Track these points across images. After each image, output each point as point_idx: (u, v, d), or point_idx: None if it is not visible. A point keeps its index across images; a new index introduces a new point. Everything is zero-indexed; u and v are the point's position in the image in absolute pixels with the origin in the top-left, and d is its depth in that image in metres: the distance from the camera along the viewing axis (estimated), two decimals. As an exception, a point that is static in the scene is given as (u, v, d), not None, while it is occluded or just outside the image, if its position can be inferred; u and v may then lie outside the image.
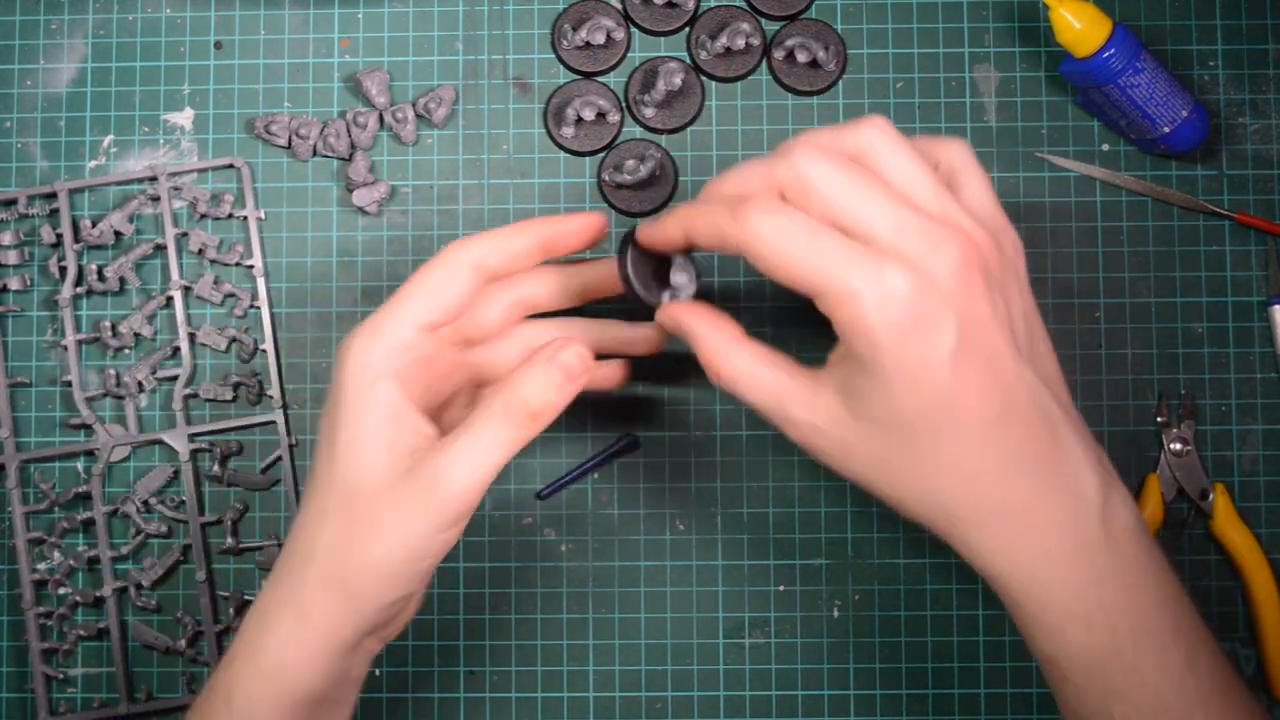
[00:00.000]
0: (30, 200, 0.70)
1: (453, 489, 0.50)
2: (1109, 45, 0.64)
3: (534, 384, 0.51)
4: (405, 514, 0.51)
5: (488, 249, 0.54)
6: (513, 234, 0.55)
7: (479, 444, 0.51)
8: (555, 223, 0.56)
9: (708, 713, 0.69)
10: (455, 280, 0.54)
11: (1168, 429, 0.68)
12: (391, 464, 0.51)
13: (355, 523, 0.51)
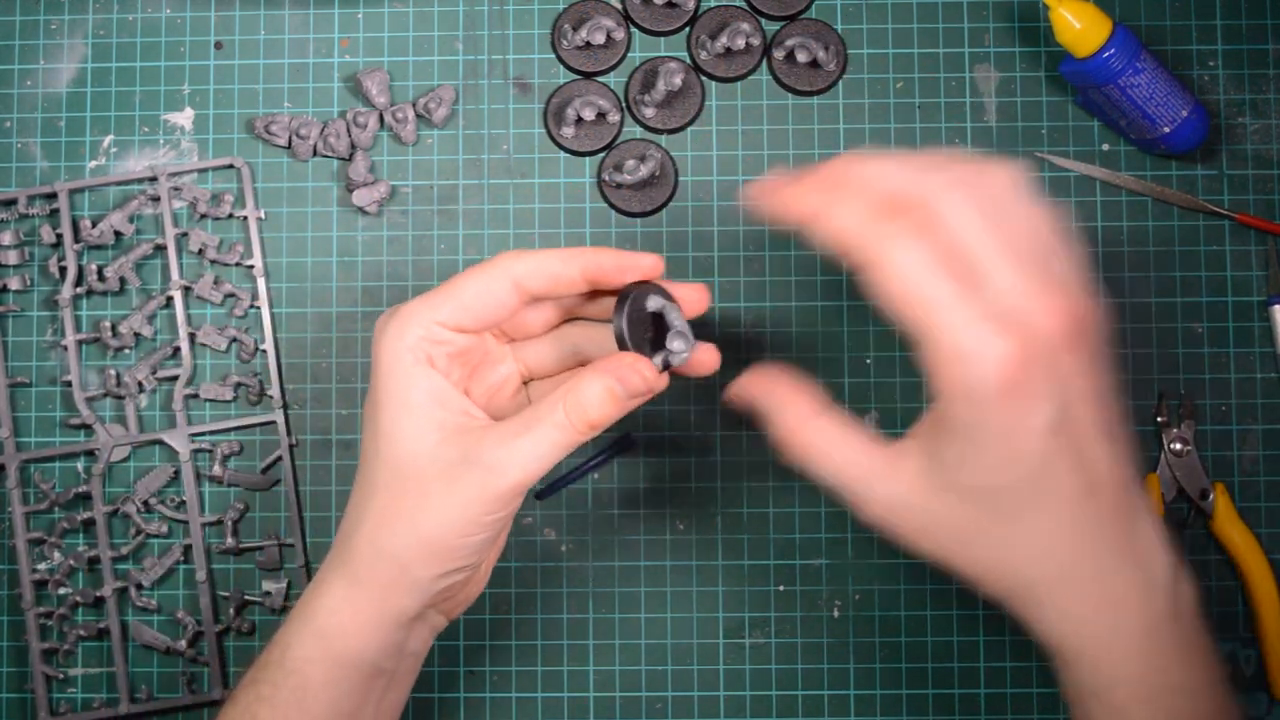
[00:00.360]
0: (30, 200, 0.70)
1: (507, 479, 0.51)
2: (1109, 45, 0.64)
3: (596, 395, 0.52)
4: (457, 494, 0.51)
5: (533, 269, 0.54)
6: (561, 259, 0.54)
7: (537, 441, 0.52)
8: (606, 256, 0.55)
9: (708, 713, 0.69)
10: (494, 292, 0.54)
11: (1168, 429, 0.68)
12: (442, 442, 0.52)
13: (404, 496, 0.52)
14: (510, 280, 0.54)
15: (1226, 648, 0.68)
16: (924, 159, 0.49)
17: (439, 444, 0.52)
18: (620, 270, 0.55)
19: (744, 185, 0.53)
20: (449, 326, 0.53)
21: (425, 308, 0.53)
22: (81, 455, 0.70)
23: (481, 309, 0.54)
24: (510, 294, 0.54)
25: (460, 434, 0.52)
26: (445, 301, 0.53)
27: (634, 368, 0.52)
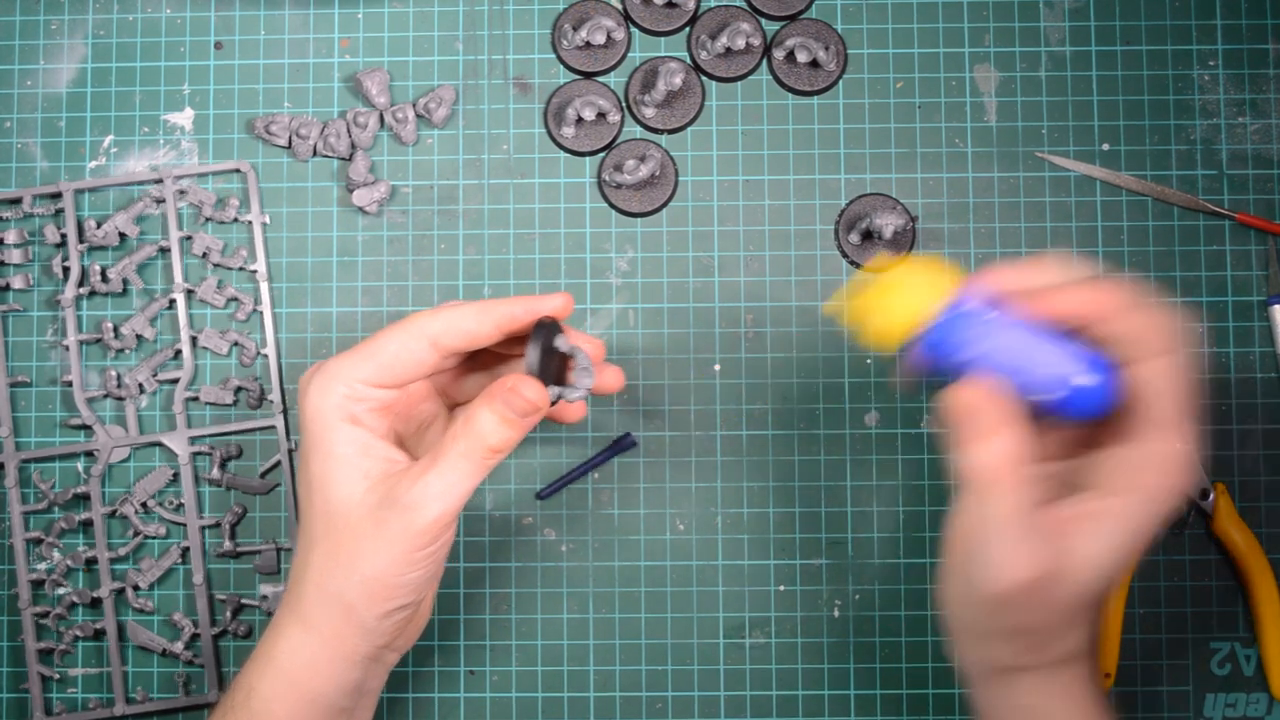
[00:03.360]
0: (35, 200, 0.70)
1: (426, 515, 0.53)
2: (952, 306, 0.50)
3: (491, 422, 0.54)
4: (384, 538, 0.54)
5: (447, 327, 0.56)
6: (474, 316, 0.56)
7: (445, 475, 0.54)
8: (517, 306, 0.57)
9: (708, 713, 0.68)
10: (412, 352, 0.56)
11: (1168, 429, 0.68)
12: (368, 491, 0.54)
13: (340, 543, 0.55)
14: (427, 340, 0.56)
15: (1226, 648, 0.68)
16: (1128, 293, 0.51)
17: (366, 491, 0.54)
18: (530, 315, 0.57)
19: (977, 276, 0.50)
20: (370, 384, 0.55)
21: (347, 367, 0.55)
22: (81, 455, 0.70)
23: (400, 368, 0.56)
24: (428, 352, 0.56)
25: (383, 479, 0.55)
26: (365, 361, 0.55)
27: (516, 391, 0.54)
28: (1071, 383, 0.49)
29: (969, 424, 0.49)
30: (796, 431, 0.69)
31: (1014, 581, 0.49)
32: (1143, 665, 0.68)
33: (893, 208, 0.69)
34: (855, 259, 0.69)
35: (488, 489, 0.69)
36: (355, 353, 0.56)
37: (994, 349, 0.49)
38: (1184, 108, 0.70)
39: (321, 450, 0.55)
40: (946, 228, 0.69)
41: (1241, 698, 0.68)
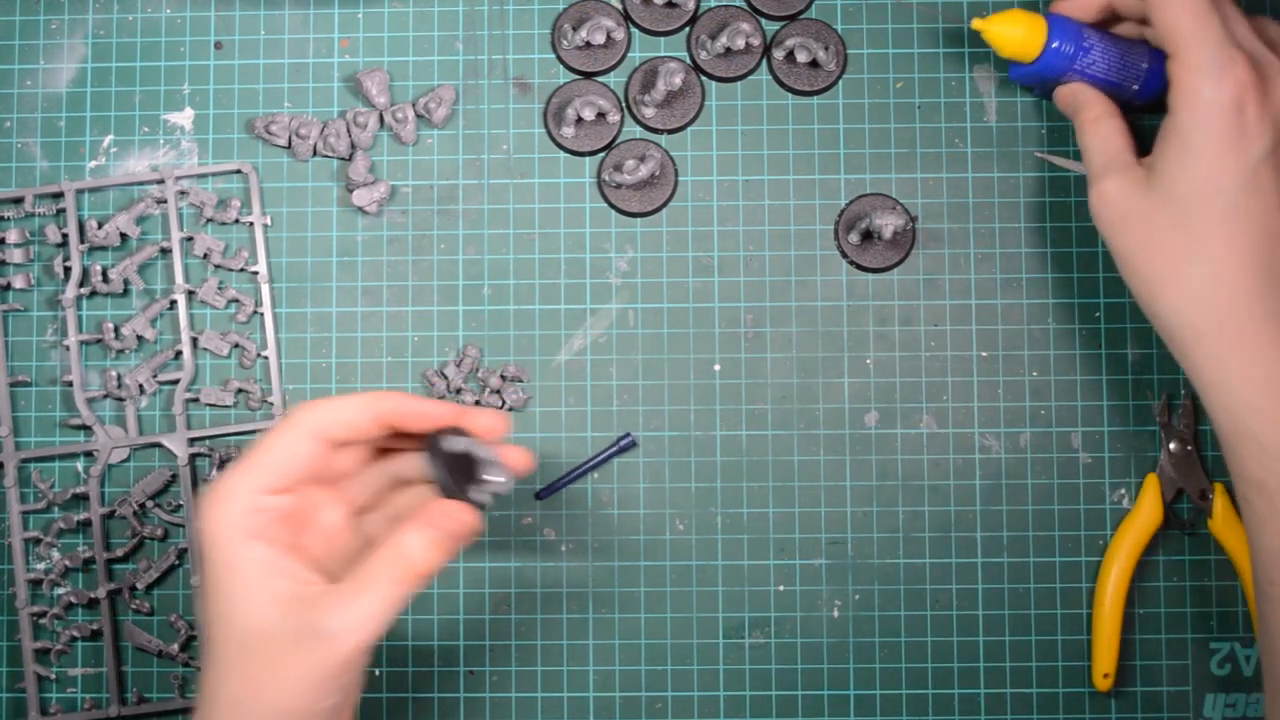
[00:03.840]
0: (36, 199, 0.70)
1: (349, 645, 0.51)
2: (1052, 38, 0.64)
3: (420, 547, 0.53)
4: (303, 669, 0.52)
5: (329, 420, 0.55)
6: (356, 409, 0.55)
7: (371, 602, 0.52)
8: (398, 402, 0.56)
9: (708, 713, 0.68)
10: (299, 450, 0.54)
11: (1168, 429, 0.68)
12: (283, 616, 0.52)
13: (254, 673, 0.52)
14: (310, 435, 0.54)
15: (1226, 648, 0.68)
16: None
17: (280, 618, 0.52)
18: (416, 418, 0.56)
19: None
20: (265, 492, 0.54)
21: (239, 480, 0.53)
22: (80, 456, 0.70)
23: (291, 468, 0.54)
24: (315, 447, 0.54)
25: (298, 604, 0.52)
26: (255, 470, 0.54)
27: (451, 516, 0.54)
28: (1143, 68, 0.64)
29: (1077, 98, 0.64)
30: (796, 431, 0.69)
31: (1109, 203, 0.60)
32: (1143, 665, 0.68)
33: (892, 208, 0.69)
34: (855, 259, 0.69)
35: (487, 489, 0.69)
36: (244, 464, 0.54)
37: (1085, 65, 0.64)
38: (1183, 108, 0.70)
39: (228, 573, 0.53)
40: (946, 228, 0.69)
41: (1241, 698, 0.68)
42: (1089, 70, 0.64)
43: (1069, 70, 0.64)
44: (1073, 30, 0.64)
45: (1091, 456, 0.69)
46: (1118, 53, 0.64)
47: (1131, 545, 0.67)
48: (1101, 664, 0.67)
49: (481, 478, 0.56)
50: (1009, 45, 0.64)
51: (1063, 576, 0.68)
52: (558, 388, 0.69)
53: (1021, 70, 0.66)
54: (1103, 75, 0.65)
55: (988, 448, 0.69)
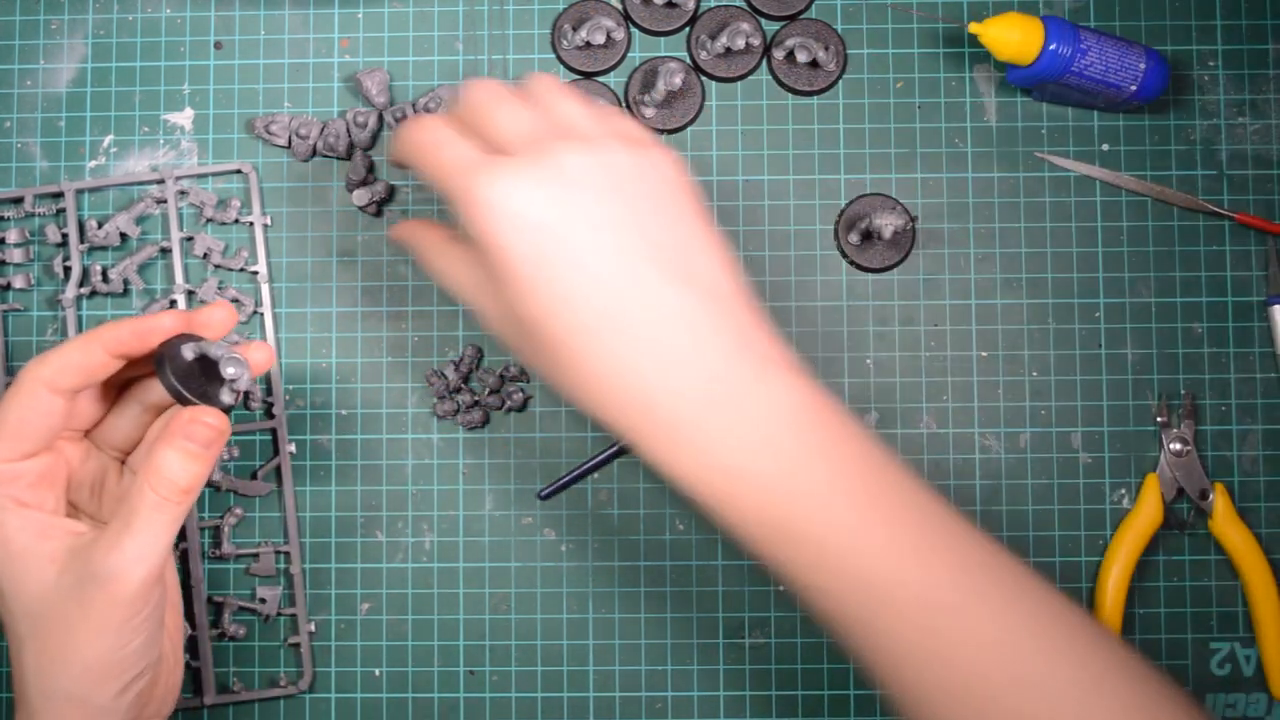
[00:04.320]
0: (36, 199, 0.70)
1: (132, 581, 0.50)
2: (1049, 40, 0.64)
3: (177, 462, 0.52)
4: (93, 618, 0.50)
5: (57, 369, 0.53)
6: (80, 349, 0.53)
7: (141, 531, 0.51)
8: (122, 329, 0.54)
9: (708, 713, 0.68)
10: (35, 408, 0.52)
11: (1168, 429, 0.68)
12: (60, 574, 0.51)
13: (49, 638, 0.51)
14: (43, 389, 0.52)
15: (1226, 648, 0.68)
16: None
17: (57, 575, 0.51)
18: (141, 336, 0.54)
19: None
20: (14, 460, 0.52)
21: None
22: (81, 455, 0.70)
23: (32, 429, 0.52)
24: (51, 401, 0.53)
25: (72, 557, 0.51)
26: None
27: (196, 420, 0.52)
28: (1141, 69, 0.64)
29: None
30: (796, 431, 0.69)
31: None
32: (1143, 665, 0.68)
33: (893, 208, 0.69)
34: (855, 259, 0.69)
35: (488, 489, 0.69)
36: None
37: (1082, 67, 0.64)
38: (1184, 108, 0.70)
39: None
40: (946, 228, 0.69)
41: (1241, 698, 0.68)
42: (1086, 71, 0.64)
43: (1066, 72, 0.64)
44: (1070, 32, 0.64)
45: (1091, 456, 0.69)
46: (1115, 54, 0.65)
47: (1131, 545, 0.67)
48: (1101, 664, 0.67)
49: (222, 376, 0.54)
50: (1006, 48, 0.64)
51: (1063, 577, 0.68)
52: (558, 388, 0.69)
53: (1020, 73, 0.66)
54: (1100, 76, 0.65)
55: (988, 448, 0.69)
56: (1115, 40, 0.65)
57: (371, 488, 0.69)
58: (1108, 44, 0.65)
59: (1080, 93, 0.67)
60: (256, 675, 0.69)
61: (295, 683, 0.69)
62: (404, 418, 0.69)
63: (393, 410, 0.70)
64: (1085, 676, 0.47)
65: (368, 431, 0.70)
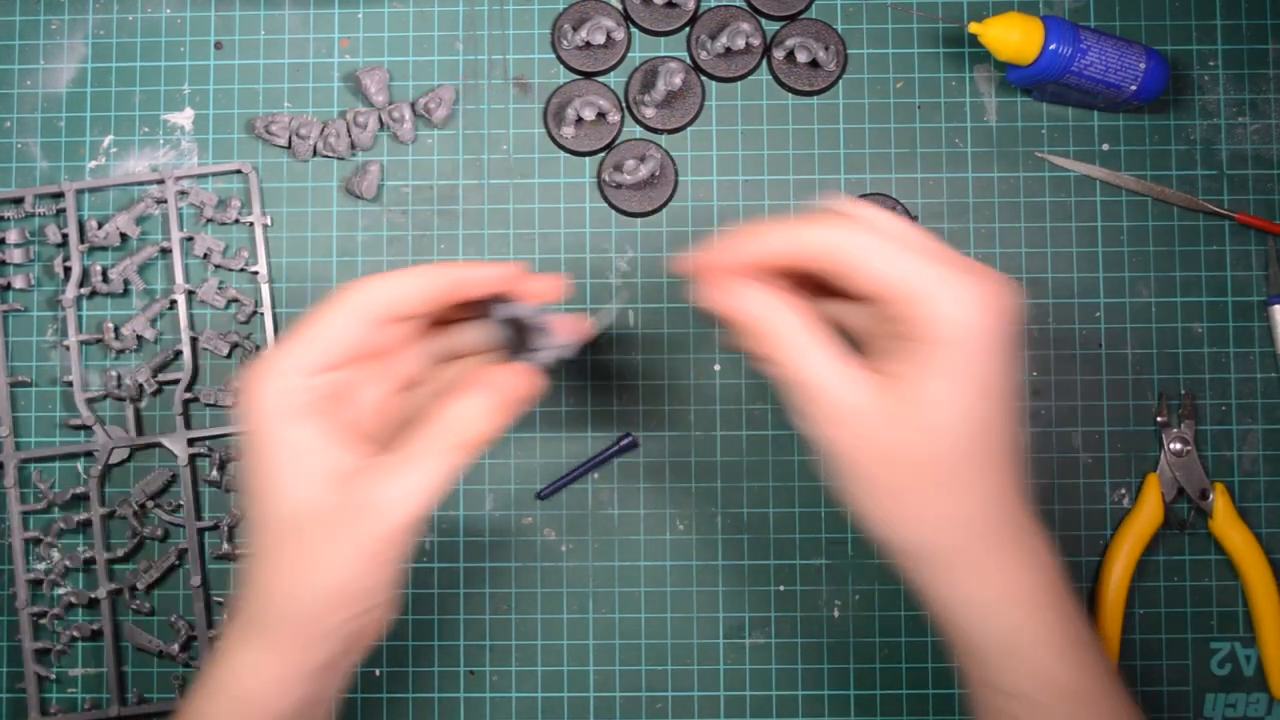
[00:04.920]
0: (36, 199, 0.70)
1: (391, 517, 0.51)
2: (1049, 40, 0.64)
3: (479, 413, 0.52)
4: (349, 543, 0.51)
5: (383, 298, 0.53)
6: (409, 284, 0.54)
7: (421, 474, 0.51)
8: (451, 272, 0.54)
9: (708, 713, 0.68)
10: (346, 328, 0.53)
11: (1168, 429, 0.68)
12: (328, 491, 0.51)
13: (299, 554, 0.51)
14: (362, 312, 0.53)
15: (1226, 648, 0.68)
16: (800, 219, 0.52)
17: (324, 493, 0.51)
18: (471, 285, 0.55)
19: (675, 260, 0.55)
20: (312, 371, 0.52)
21: (284, 359, 0.52)
22: (81, 456, 0.70)
23: (338, 347, 0.53)
24: (366, 325, 0.53)
25: (344, 479, 0.51)
26: (302, 348, 0.52)
27: (512, 380, 0.53)
28: (1141, 69, 0.65)
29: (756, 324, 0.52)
30: (796, 432, 0.69)
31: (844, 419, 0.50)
32: (1143, 665, 0.68)
33: (892, 208, 0.69)
34: (855, 259, 0.69)
35: (488, 489, 0.69)
36: (292, 340, 0.52)
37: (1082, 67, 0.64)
38: (1184, 108, 0.70)
39: (274, 456, 0.52)
40: (946, 228, 0.69)
41: (1241, 698, 0.68)
42: (1086, 71, 0.64)
43: (1066, 71, 0.64)
44: (1070, 32, 0.64)
45: (1091, 456, 0.69)
46: (1115, 54, 0.65)
47: (1131, 545, 0.67)
48: (1102, 664, 0.67)
49: (538, 344, 0.56)
50: (1006, 48, 0.64)
51: (1063, 576, 0.68)
52: (558, 387, 0.69)
53: (1020, 73, 0.66)
54: (1100, 76, 0.65)
55: (988, 448, 0.69)
56: (1115, 40, 0.65)
57: (371, 488, 0.69)
58: (1108, 44, 0.65)
59: (1080, 93, 0.67)
60: (256, 675, 0.69)
61: (295, 683, 0.69)
62: (404, 418, 0.69)
63: (393, 410, 0.70)
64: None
65: (368, 431, 0.70)
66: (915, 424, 0.50)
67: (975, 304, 0.49)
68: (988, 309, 0.49)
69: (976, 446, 0.51)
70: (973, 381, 0.50)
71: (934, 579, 0.53)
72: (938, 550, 0.52)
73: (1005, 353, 0.50)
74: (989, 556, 0.52)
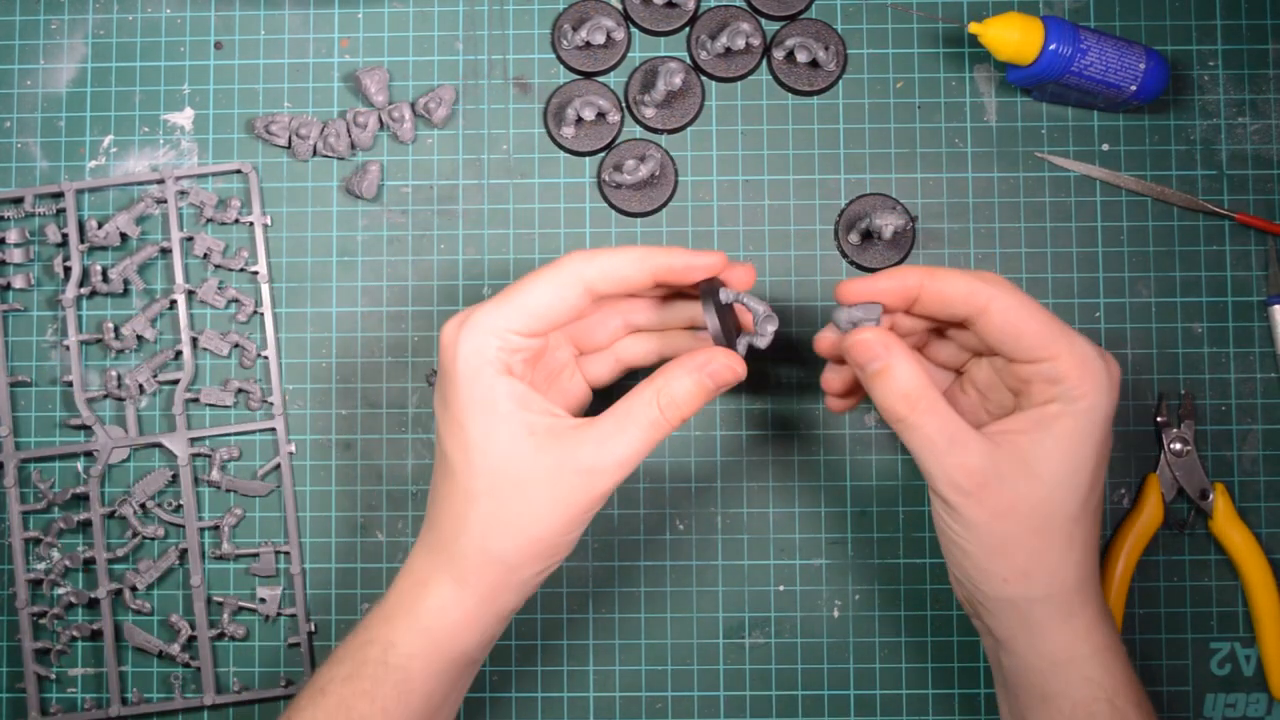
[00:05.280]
0: (36, 199, 0.70)
1: (608, 480, 0.54)
2: (1049, 40, 0.64)
3: (689, 389, 0.55)
4: (561, 497, 0.54)
5: (603, 272, 0.55)
6: (630, 262, 0.56)
7: (632, 440, 0.54)
8: (675, 257, 0.57)
9: (708, 713, 0.68)
10: (566, 299, 0.55)
11: (1168, 429, 0.68)
12: (537, 448, 0.54)
13: (508, 502, 0.54)
14: (582, 285, 0.55)
15: (1226, 648, 0.68)
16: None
17: (534, 449, 0.54)
18: (687, 270, 0.56)
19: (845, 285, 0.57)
20: (523, 334, 0.55)
21: (499, 317, 0.54)
22: (81, 456, 0.70)
23: (554, 315, 0.55)
24: (581, 298, 0.55)
25: (552, 437, 0.54)
26: (518, 312, 0.55)
27: (728, 364, 0.55)
28: (1141, 69, 0.65)
29: (872, 361, 0.54)
30: (796, 432, 0.69)
31: (974, 471, 0.53)
32: (1143, 665, 0.68)
33: (893, 208, 0.69)
34: (855, 259, 0.69)
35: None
36: (506, 302, 0.55)
37: (1082, 67, 0.64)
38: (1184, 108, 0.70)
39: (482, 407, 0.54)
40: (946, 228, 0.69)
41: (1241, 698, 0.68)
42: (1086, 71, 0.64)
43: (1066, 71, 0.64)
44: (1070, 32, 0.64)
45: (1091, 456, 0.69)
46: (1115, 54, 0.65)
47: (1131, 545, 0.67)
48: (1101, 664, 0.67)
49: (755, 329, 0.58)
50: (1006, 48, 0.64)
51: (1063, 576, 0.68)
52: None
53: (1020, 73, 0.66)
54: (1100, 76, 0.65)
55: (988, 448, 0.69)
56: (1115, 40, 0.65)
57: (371, 488, 0.69)
58: (1107, 44, 0.65)
59: (1080, 93, 0.67)
60: (256, 675, 0.69)
61: (295, 683, 0.69)
62: (404, 418, 0.69)
63: (393, 410, 0.70)
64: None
65: (368, 431, 0.70)
66: (1040, 481, 0.53)
67: (1104, 377, 0.53)
68: (1113, 383, 0.54)
69: (1087, 505, 0.54)
70: (1093, 445, 0.53)
71: (1029, 631, 0.55)
72: (1039, 601, 0.54)
73: (1111, 420, 0.54)
74: (1083, 609, 0.55)
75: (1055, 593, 0.54)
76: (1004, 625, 0.56)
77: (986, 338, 0.55)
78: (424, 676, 0.56)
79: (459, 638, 0.56)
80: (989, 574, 0.54)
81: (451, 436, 0.55)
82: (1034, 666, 0.55)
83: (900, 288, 0.55)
